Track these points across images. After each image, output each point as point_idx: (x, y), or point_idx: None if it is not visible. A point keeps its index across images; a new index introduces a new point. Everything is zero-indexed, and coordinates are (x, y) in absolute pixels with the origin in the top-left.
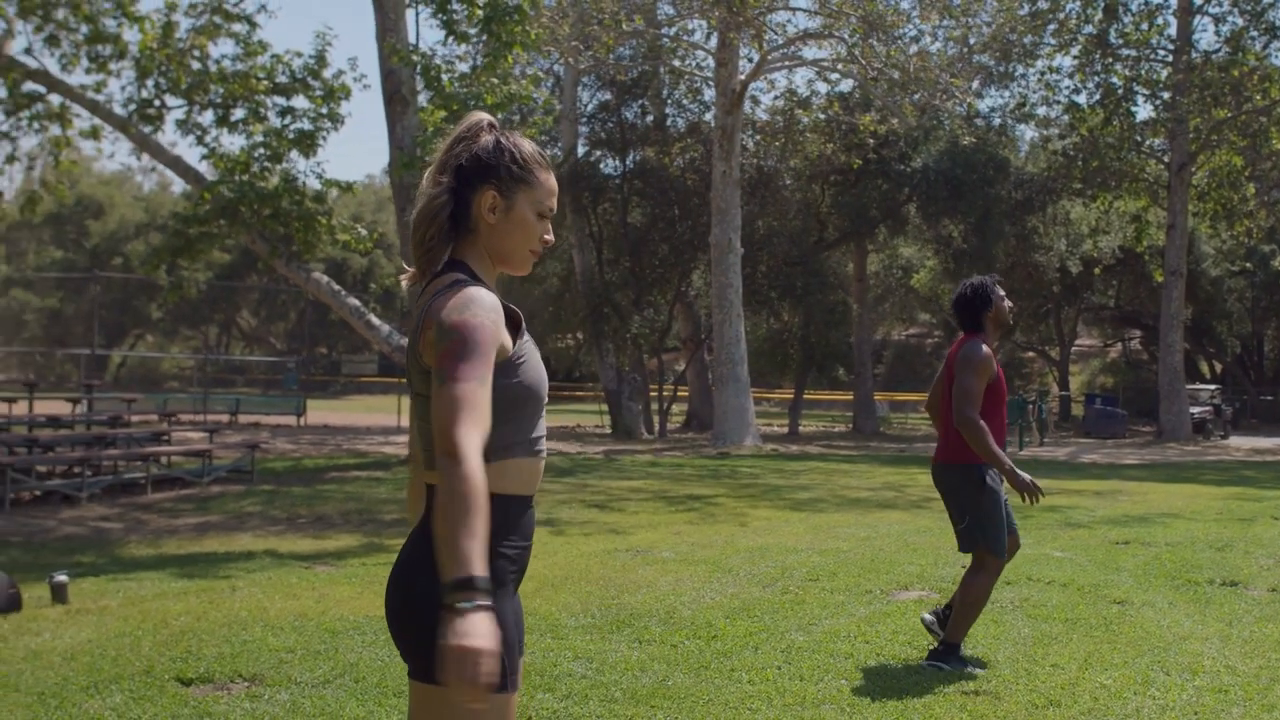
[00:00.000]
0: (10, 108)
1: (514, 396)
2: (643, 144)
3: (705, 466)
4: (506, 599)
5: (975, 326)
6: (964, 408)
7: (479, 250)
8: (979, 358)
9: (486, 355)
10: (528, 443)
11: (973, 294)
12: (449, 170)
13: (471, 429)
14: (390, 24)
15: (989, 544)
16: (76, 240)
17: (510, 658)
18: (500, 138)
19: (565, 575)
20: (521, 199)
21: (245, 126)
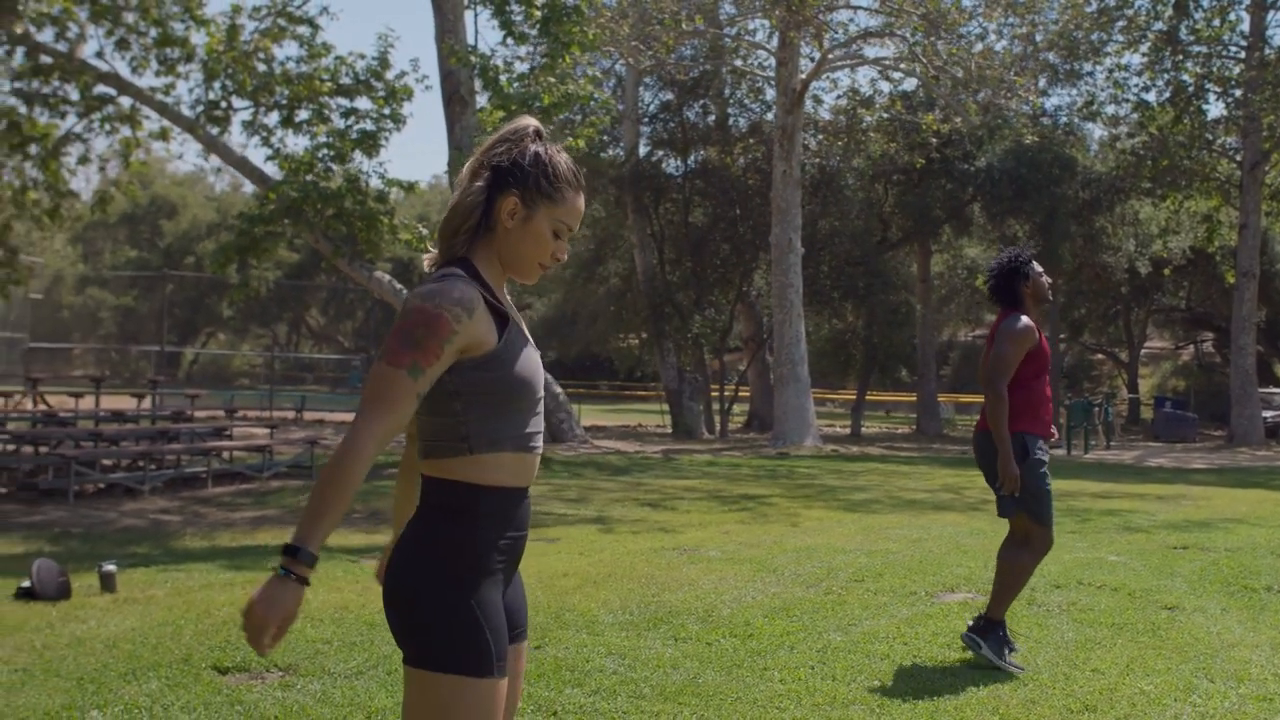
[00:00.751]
0: (82, 110)
1: (497, 391)
2: (704, 144)
3: (763, 467)
4: (493, 588)
5: (1014, 302)
6: (993, 375)
7: (492, 250)
8: (1018, 327)
9: (431, 347)
10: (517, 438)
11: (1009, 267)
12: (486, 168)
13: (380, 418)
14: (449, 25)
15: (1036, 513)
16: (150, 240)
17: (498, 644)
18: (541, 149)
19: (609, 572)
20: (542, 212)
21: (309, 127)
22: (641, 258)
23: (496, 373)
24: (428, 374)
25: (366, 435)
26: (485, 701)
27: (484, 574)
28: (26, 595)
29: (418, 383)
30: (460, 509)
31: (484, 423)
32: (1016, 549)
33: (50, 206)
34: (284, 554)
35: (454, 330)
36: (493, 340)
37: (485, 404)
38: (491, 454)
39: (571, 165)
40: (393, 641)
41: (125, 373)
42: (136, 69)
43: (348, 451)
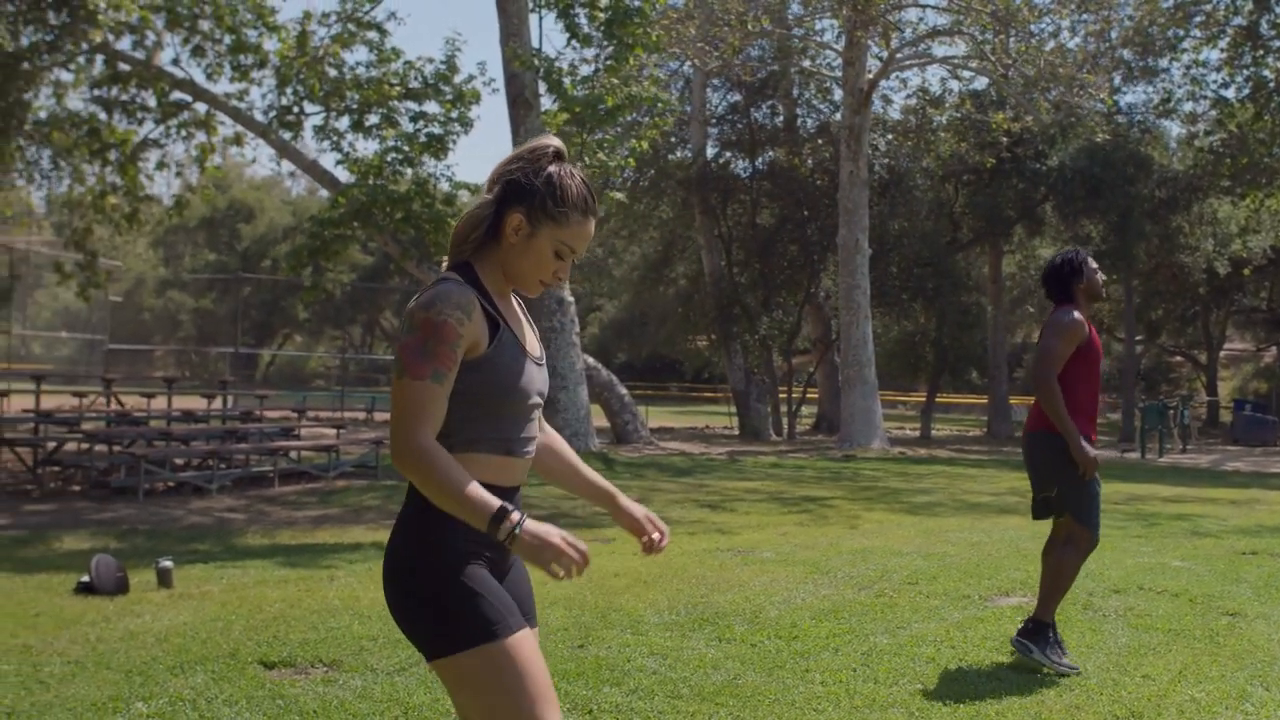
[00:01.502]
0: (159, 116)
1: (482, 393)
2: (772, 145)
3: (827, 469)
4: (478, 568)
5: (1066, 298)
6: (1043, 369)
7: (496, 261)
8: (1067, 321)
9: (443, 353)
10: (499, 440)
11: (1063, 264)
12: (500, 182)
13: (423, 425)
14: (513, 29)
15: (1082, 516)
16: (229, 243)
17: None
18: (555, 171)
19: (660, 574)
20: (545, 233)
21: (378, 132)
22: (709, 259)
23: (482, 376)
24: (449, 376)
25: (424, 438)
26: (516, 658)
27: (465, 558)
28: (86, 590)
29: (444, 386)
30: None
31: (465, 422)
32: (1061, 549)
33: (129, 211)
34: (495, 523)
35: (459, 334)
36: (484, 345)
37: (467, 404)
38: (470, 453)
39: (584, 191)
40: None
41: (204, 374)
42: (211, 75)
43: (423, 455)
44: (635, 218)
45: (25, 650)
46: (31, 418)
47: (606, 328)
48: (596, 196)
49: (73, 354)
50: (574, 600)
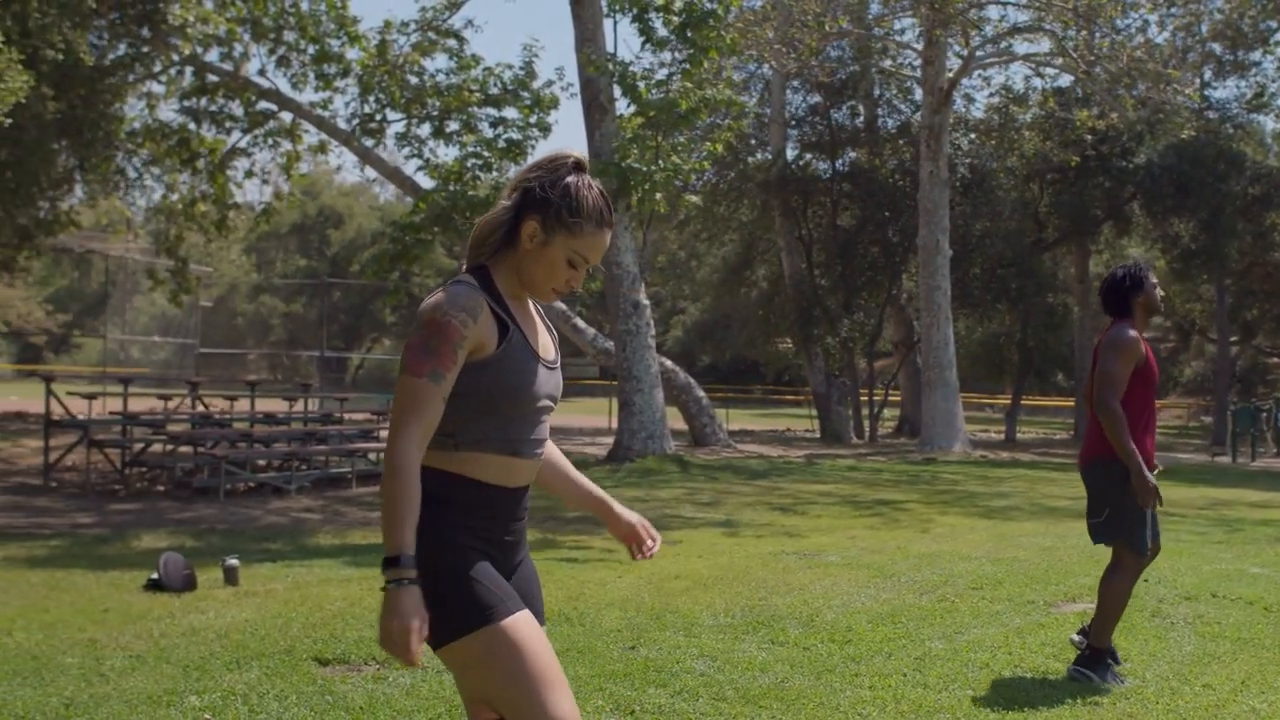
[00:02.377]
0: (246, 125)
1: (489, 394)
2: (853, 145)
3: (905, 472)
4: (477, 559)
5: (1124, 311)
6: (1105, 394)
7: (512, 266)
8: (1124, 341)
9: (445, 353)
10: (504, 441)
11: (1124, 277)
12: (519, 190)
13: (413, 426)
14: (588, 34)
15: (1130, 540)
16: (319, 249)
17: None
18: (574, 181)
19: (721, 576)
20: (559, 241)
21: (458, 138)
22: (789, 261)
23: (489, 378)
24: (448, 378)
25: (407, 440)
26: (515, 639)
27: (468, 547)
28: (155, 587)
29: (440, 387)
30: (440, 499)
31: (470, 422)
32: (1111, 574)
33: (217, 218)
34: (387, 568)
35: (463, 335)
36: (492, 346)
37: (473, 405)
38: (474, 453)
39: (599, 203)
40: None
41: (295, 377)
42: (296, 85)
43: (399, 463)
44: (716, 220)
45: (90, 644)
46: (119, 420)
47: (690, 330)
48: (613, 210)
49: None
50: (630, 602)
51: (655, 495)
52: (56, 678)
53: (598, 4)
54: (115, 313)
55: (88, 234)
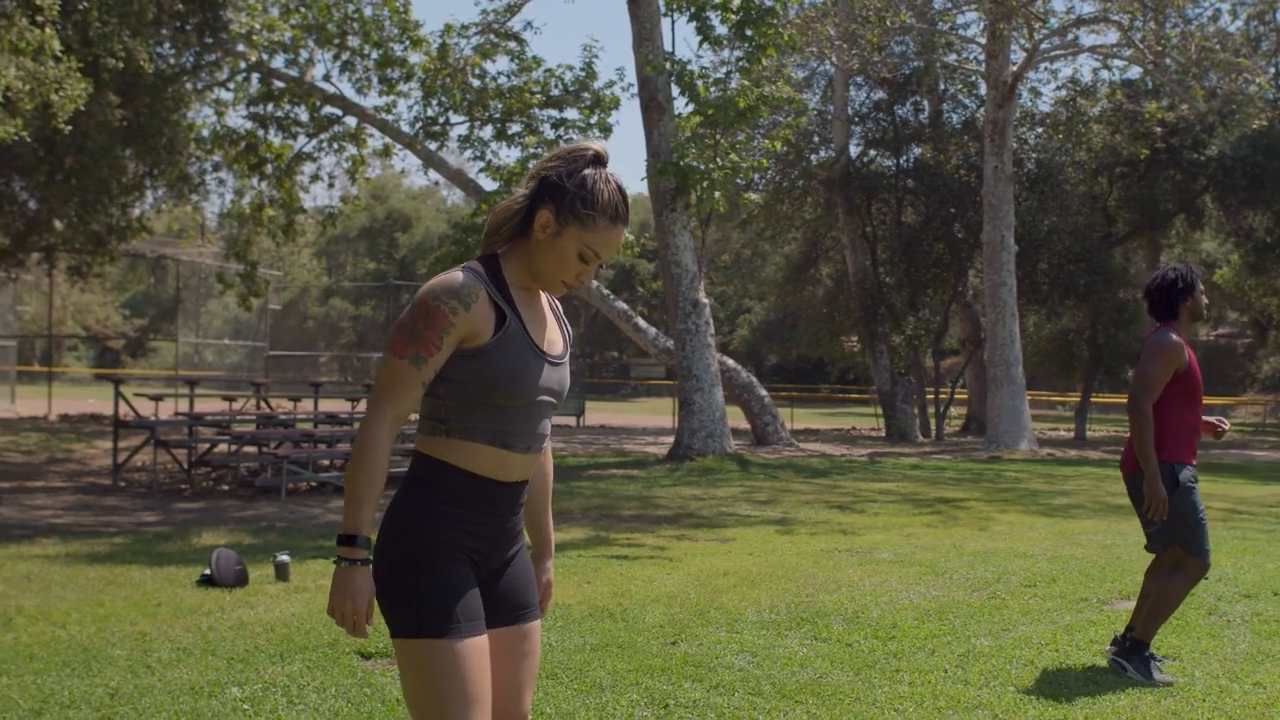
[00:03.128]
0: (312, 130)
1: (480, 384)
2: (917, 141)
3: (969, 470)
4: (455, 562)
5: (1169, 314)
6: (1138, 394)
7: (523, 255)
8: (1166, 344)
9: (429, 338)
10: (497, 433)
11: (1176, 279)
12: (536, 179)
13: (387, 407)
14: (646, 34)
15: (1187, 544)
16: (387, 252)
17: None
18: (591, 174)
19: (770, 573)
20: (571, 233)
21: (520, 139)
22: (853, 258)
23: (482, 367)
24: (430, 363)
25: (378, 423)
26: (457, 660)
27: (445, 548)
28: (207, 582)
29: (421, 371)
30: (428, 483)
31: (463, 410)
32: (1169, 574)
33: (285, 222)
34: (340, 544)
35: (450, 322)
36: (487, 335)
37: (466, 394)
38: (467, 441)
39: (616, 198)
40: None
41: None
42: (361, 90)
43: (365, 441)
44: (779, 218)
45: (140, 637)
46: (185, 420)
47: (756, 330)
48: (629, 206)
49: (240, 361)
50: (675, 598)
51: (712, 494)
52: (104, 668)
53: (655, 3)
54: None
55: (161, 240)
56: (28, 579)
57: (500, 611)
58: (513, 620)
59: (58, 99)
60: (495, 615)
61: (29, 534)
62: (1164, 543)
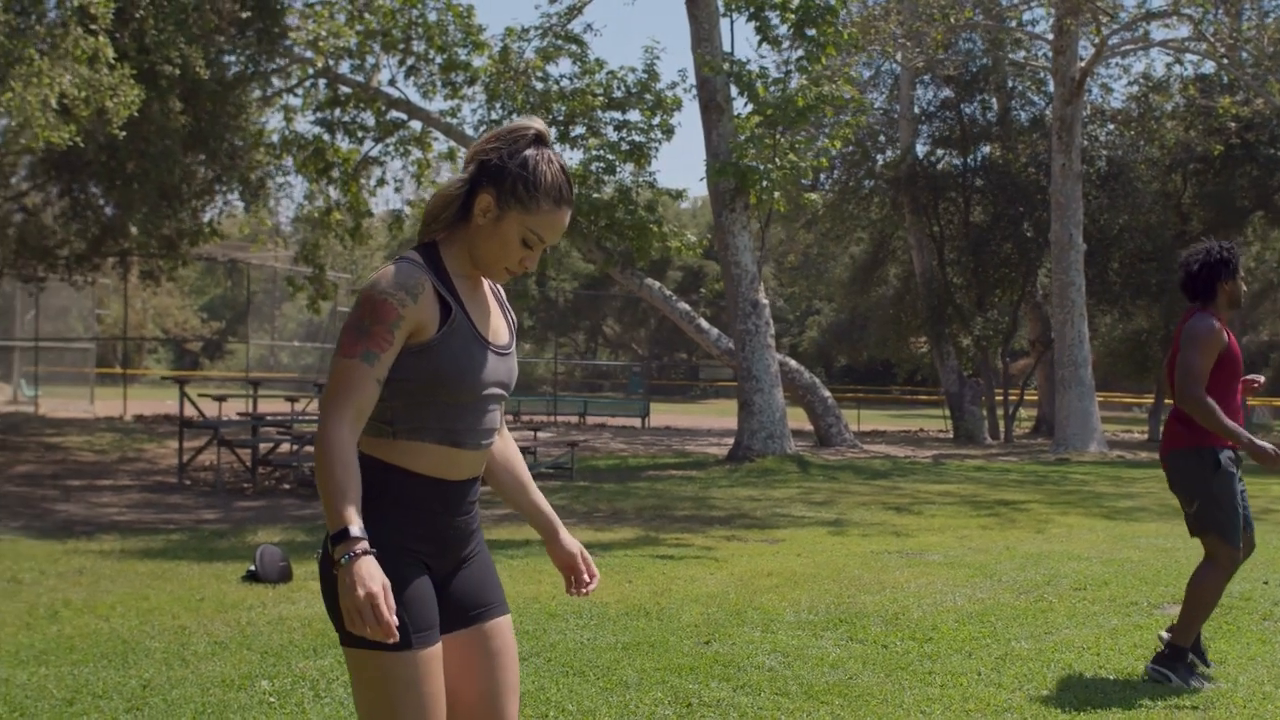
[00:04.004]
0: (378, 135)
1: (428, 380)
2: (985, 140)
3: (1034, 472)
4: (407, 567)
5: (1208, 296)
6: (1188, 385)
7: (464, 242)
8: (1205, 330)
9: (378, 333)
10: (445, 431)
11: (1220, 258)
12: (475, 161)
13: (344, 407)
14: (704, 34)
15: (1221, 530)
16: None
17: (412, 618)
18: (532, 154)
19: (814, 573)
20: (513, 218)
21: (582, 141)
22: (919, 258)
23: (428, 361)
24: (383, 359)
25: (337, 422)
26: (412, 671)
27: (398, 550)
28: (252, 578)
29: (374, 368)
30: (376, 485)
31: (409, 410)
32: (1201, 570)
33: (352, 226)
34: (335, 543)
35: (400, 314)
36: (433, 329)
37: (411, 392)
38: (414, 441)
39: (559, 179)
40: (564, 632)
41: None
42: (426, 94)
43: (326, 441)
44: (845, 218)
45: (179, 630)
46: (248, 421)
47: (826, 331)
48: (573, 187)
49: (313, 362)
50: (714, 598)
51: (769, 495)
52: (140, 660)
53: (714, 3)
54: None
55: (235, 243)
56: (80, 573)
57: (456, 614)
58: (471, 621)
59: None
60: (452, 619)
61: (90, 530)
62: (1202, 528)
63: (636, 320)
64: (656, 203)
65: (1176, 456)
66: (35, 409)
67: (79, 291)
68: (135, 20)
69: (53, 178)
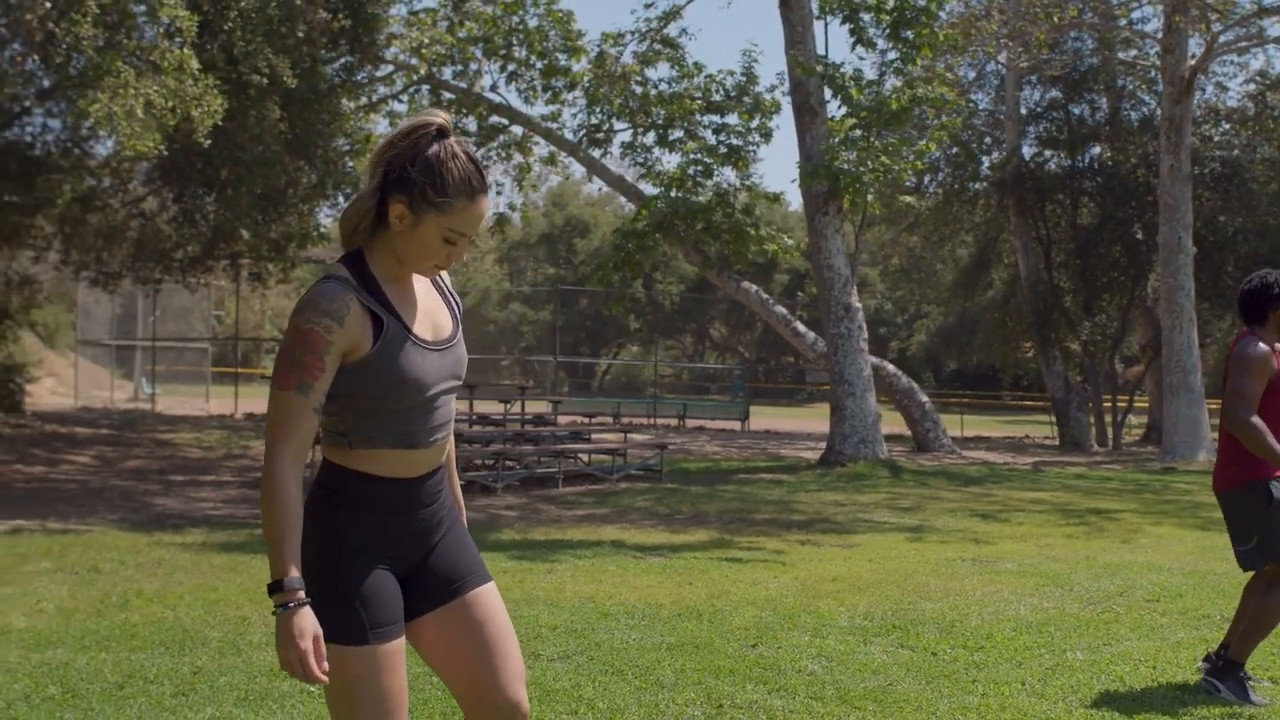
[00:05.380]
0: (480, 140)
1: (372, 393)
2: (1094, 140)
3: (1136, 481)
4: (369, 562)
5: (1258, 320)
6: (1235, 408)
7: (387, 246)
8: (1253, 355)
9: (309, 362)
10: (398, 435)
11: (1271, 285)
12: (379, 168)
13: (284, 443)
14: (797, 37)
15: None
16: (566, 258)
17: (372, 614)
18: (435, 152)
19: (880, 580)
20: (430, 221)
21: (680, 145)
22: (1024, 262)
23: (369, 376)
24: (316, 387)
25: (279, 460)
26: (370, 666)
27: (357, 551)
28: None
29: (309, 398)
30: (336, 489)
31: (360, 422)
32: (1265, 590)
33: None
34: (272, 594)
35: (328, 341)
36: (366, 345)
37: (359, 407)
38: (370, 449)
39: (467, 171)
40: (612, 631)
41: (547, 382)
42: (527, 99)
43: (269, 482)
44: (948, 221)
45: (240, 621)
46: None
47: (934, 335)
48: (484, 172)
49: None
50: (771, 602)
51: (855, 500)
52: (197, 648)
53: (807, 6)
54: None
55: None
56: (158, 564)
57: (436, 590)
58: (452, 595)
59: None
60: (432, 596)
61: (181, 524)
62: (1260, 561)
63: (743, 323)
64: (754, 206)
65: (1229, 499)
66: (152, 406)
67: (193, 294)
68: (224, 33)
69: (166, 184)
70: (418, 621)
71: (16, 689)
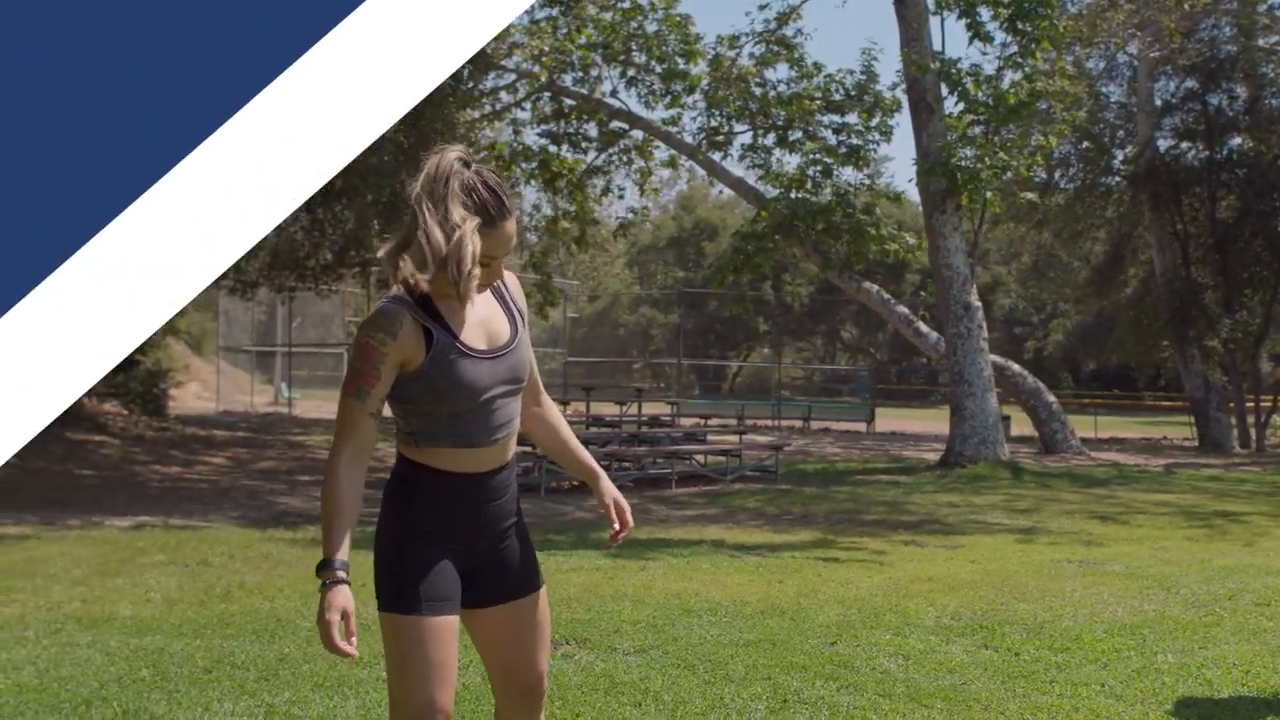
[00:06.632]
0: (600, 145)
1: (430, 399)
2: (1232, 131)
3: (1273, 484)
4: (431, 546)
5: None
6: None
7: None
8: None
9: (367, 372)
10: (458, 436)
11: None
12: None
13: (343, 443)
14: (913, 34)
15: None
16: (695, 260)
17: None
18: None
19: (977, 580)
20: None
21: (799, 145)
22: (1160, 258)
23: (425, 385)
24: (373, 393)
25: (338, 457)
26: (420, 635)
27: (424, 535)
28: None
29: (366, 403)
30: (407, 478)
31: (423, 422)
32: None
33: (578, 234)
34: (318, 572)
35: (383, 353)
36: (420, 356)
37: (420, 411)
38: (434, 448)
39: (488, 198)
40: (692, 628)
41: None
42: (647, 104)
43: (327, 476)
44: (1078, 217)
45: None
46: None
47: (1071, 335)
48: (503, 195)
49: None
50: (859, 601)
51: (970, 501)
52: (286, 637)
53: (923, 2)
54: None
55: None
56: (265, 558)
57: (495, 593)
58: (507, 598)
59: None
60: (490, 596)
61: (298, 521)
62: None
63: (873, 325)
64: (874, 205)
65: None
66: (289, 410)
67: (324, 299)
68: None
69: None
70: (479, 612)
71: (111, 671)
